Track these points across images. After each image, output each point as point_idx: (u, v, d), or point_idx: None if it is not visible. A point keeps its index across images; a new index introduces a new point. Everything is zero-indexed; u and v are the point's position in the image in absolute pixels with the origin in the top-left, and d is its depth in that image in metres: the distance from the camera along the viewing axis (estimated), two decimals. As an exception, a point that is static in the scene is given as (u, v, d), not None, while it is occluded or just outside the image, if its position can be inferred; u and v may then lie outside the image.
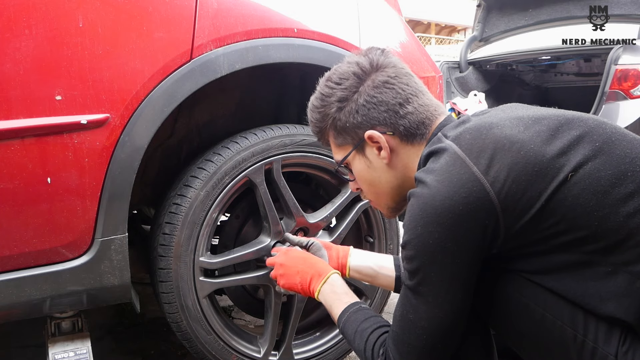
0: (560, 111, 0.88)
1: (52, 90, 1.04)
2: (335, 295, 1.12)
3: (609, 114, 2.70)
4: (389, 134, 0.97)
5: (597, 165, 0.79)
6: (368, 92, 0.96)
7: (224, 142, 1.31)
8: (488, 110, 0.99)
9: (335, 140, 1.03)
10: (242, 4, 1.24)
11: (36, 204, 1.06)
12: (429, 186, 0.83)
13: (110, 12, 1.09)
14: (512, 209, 0.79)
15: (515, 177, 0.79)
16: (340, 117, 0.99)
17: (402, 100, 0.95)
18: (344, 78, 0.99)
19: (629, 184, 0.78)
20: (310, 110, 1.05)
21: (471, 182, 0.80)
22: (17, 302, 1.08)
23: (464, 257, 0.83)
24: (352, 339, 1.04)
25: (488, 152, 0.81)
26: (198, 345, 1.31)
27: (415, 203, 0.85)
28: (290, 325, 1.41)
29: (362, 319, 1.05)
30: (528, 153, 0.80)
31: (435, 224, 0.81)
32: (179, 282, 1.26)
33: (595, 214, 0.78)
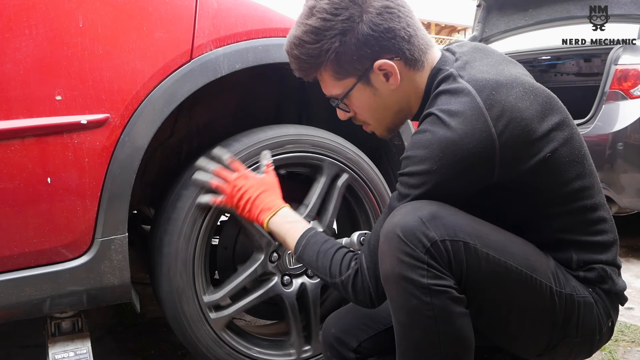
0: (540, 86, 0.99)
1: (52, 90, 1.04)
2: (288, 225, 1.13)
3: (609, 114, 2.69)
4: (396, 59, 0.97)
5: (563, 152, 0.95)
6: (373, 21, 0.93)
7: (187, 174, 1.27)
8: (485, 52, 1.02)
9: (334, 74, 1.00)
10: (242, 4, 1.24)
11: (36, 204, 1.06)
12: (452, 130, 0.89)
13: (110, 12, 1.09)
14: (505, 167, 0.92)
15: (516, 146, 0.91)
16: (345, 51, 0.95)
17: (405, 24, 0.95)
18: (341, 7, 0.93)
19: (573, 170, 0.97)
20: (297, 46, 0.97)
21: (488, 142, 0.89)
22: (17, 302, 1.08)
23: (456, 189, 0.94)
24: (313, 260, 1.06)
25: (505, 118, 0.89)
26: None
27: (435, 139, 0.90)
28: (312, 318, 1.41)
29: (322, 241, 1.08)
30: (529, 129, 0.91)
31: (449, 163, 0.89)
32: (197, 333, 1.27)
33: (551, 185, 0.96)
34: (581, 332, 0.98)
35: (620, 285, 1.02)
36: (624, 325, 1.94)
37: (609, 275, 0.99)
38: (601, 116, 2.71)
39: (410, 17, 0.96)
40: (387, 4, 0.94)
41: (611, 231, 1.02)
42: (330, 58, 0.96)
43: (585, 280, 0.99)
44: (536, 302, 0.94)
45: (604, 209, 1.02)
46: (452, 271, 0.88)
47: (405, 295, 0.88)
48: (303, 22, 0.96)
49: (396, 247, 0.88)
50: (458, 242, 0.88)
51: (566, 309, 0.95)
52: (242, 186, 1.18)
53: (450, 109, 0.90)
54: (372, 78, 0.99)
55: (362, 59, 0.96)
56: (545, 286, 0.94)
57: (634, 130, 2.64)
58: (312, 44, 0.95)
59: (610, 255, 1.01)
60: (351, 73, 0.99)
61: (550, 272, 0.95)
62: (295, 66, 1.01)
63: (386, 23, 0.93)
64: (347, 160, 1.39)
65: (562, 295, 0.95)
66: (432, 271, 0.86)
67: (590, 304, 0.98)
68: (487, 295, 0.92)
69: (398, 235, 0.88)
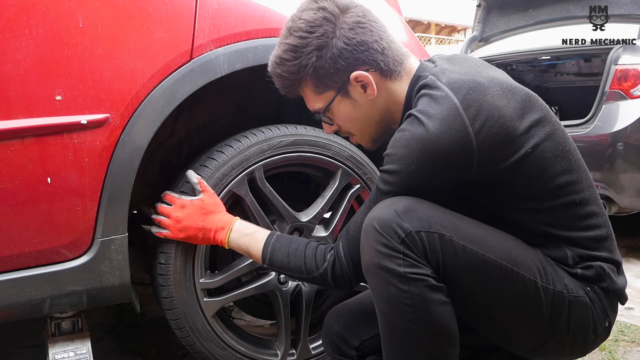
0: (519, 85, 1.02)
1: (52, 90, 1.04)
2: (247, 238, 1.16)
3: (609, 114, 2.69)
4: (371, 70, 1.02)
5: (545, 147, 0.97)
6: (346, 35, 0.99)
7: (200, 159, 1.28)
8: (464, 59, 1.07)
9: (315, 89, 1.05)
10: (242, 4, 1.24)
11: (36, 204, 1.06)
12: (429, 130, 0.92)
13: (110, 12, 1.09)
14: (484, 165, 0.94)
15: (495, 143, 0.93)
16: (322, 65, 1.01)
17: (377, 37, 1.01)
18: (315, 25, 0.99)
19: (558, 165, 0.98)
20: (279, 65, 1.04)
21: (465, 141, 0.92)
22: (17, 302, 1.08)
23: (433, 185, 0.97)
24: (285, 263, 1.10)
25: (482, 117, 0.92)
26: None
27: (413, 139, 0.93)
28: (303, 322, 1.41)
29: (288, 243, 1.12)
30: (508, 127, 0.94)
31: (426, 162, 0.93)
32: (184, 309, 1.26)
33: (535, 181, 0.97)
34: (573, 330, 0.99)
35: (619, 284, 1.02)
36: (624, 325, 1.94)
37: (607, 273, 1.00)
38: (601, 116, 2.71)
39: (382, 32, 1.02)
40: (359, 20, 1.00)
41: (604, 225, 1.02)
42: (309, 73, 1.02)
43: (583, 278, 1.00)
44: (519, 296, 0.95)
45: (595, 203, 1.02)
46: (428, 261, 0.91)
47: (384, 284, 0.91)
48: (282, 41, 1.03)
49: (373, 238, 0.92)
50: (433, 233, 0.92)
51: (553, 305, 0.96)
52: (182, 217, 1.18)
53: (428, 111, 0.94)
54: (350, 90, 1.04)
55: (339, 72, 1.01)
56: (529, 280, 0.95)
57: (634, 130, 2.64)
58: (292, 61, 1.01)
59: (606, 251, 1.01)
60: (330, 86, 1.04)
61: (535, 266, 0.96)
62: (279, 84, 1.07)
63: (359, 37, 0.99)
64: (361, 172, 1.42)
65: (549, 290, 0.96)
66: (408, 260, 0.90)
67: (584, 303, 0.98)
68: (466, 286, 0.94)
69: (375, 228, 0.92)
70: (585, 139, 2.73)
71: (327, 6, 1.00)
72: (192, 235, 1.18)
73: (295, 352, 1.41)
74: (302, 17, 1.01)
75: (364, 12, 1.02)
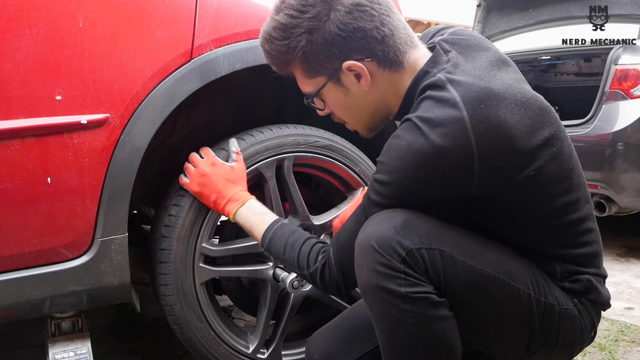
0: (534, 94, 0.94)
1: (52, 90, 1.04)
2: (255, 216, 1.14)
3: (609, 114, 2.70)
4: (367, 60, 0.93)
5: (549, 169, 0.91)
6: (341, 20, 0.89)
7: (239, 134, 1.32)
8: (479, 47, 0.97)
9: (304, 72, 0.97)
10: (242, 4, 1.24)
11: (36, 204, 1.06)
12: (429, 143, 0.85)
13: (110, 12, 1.09)
14: (483, 184, 0.88)
15: (498, 164, 0.88)
16: (312, 50, 0.91)
17: (378, 23, 0.90)
18: (308, 4, 0.89)
19: (559, 185, 0.94)
20: (267, 41, 0.95)
21: (468, 159, 0.85)
22: (17, 302, 1.08)
23: (427, 200, 0.92)
24: (281, 252, 1.07)
25: (489, 136, 0.85)
26: (188, 331, 1.29)
27: (410, 151, 0.87)
28: (282, 325, 1.40)
29: (289, 233, 1.09)
30: (515, 148, 0.87)
31: (422, 177, 0.87)
32: (178, 265, 1.26)
33: (533, 203, 0.93)
34: (561, 342, 0.98)
35: (605, 295, 1.01)
36: (624, 325, 1.94)
37: (594, 286, 0.98)
38: (601, 116, 2.71)
39: (386, 15, 0.91)
40: (358, 2, 0.89)
41: (596, 242, 1.00)
42: (298, 56, 0.93)
43: (570, 290, 0.98)
44: (514, 309, 0.94)
45: (590, 219, 1.00)
46: (429, 278, 0.87)
47: (385, 305, 0.87)
48: (273, 17, 0.94)
49: (371, 258, 0.87)
50: (434, 250, 0.87)
51: (544, 317, 0.95)
52: (208, 174, 1.18)
53: (432, 119, 0.85)
54: (342, 78, 0.95)
55: (330, 59, 0.93)
56: (524, 293, 0.93)
57: (634, 130, 2.64)
58: (280, 41, 0.93)
59: (594, 267, 1.00)
60: (320, 72, 0.96)
61: (529, 279, 0.94)
62: (268, 60, 1.00)
63: (355, 22, 0.89)
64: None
65: (541, 303, 0.94)
66: (409, 279, 0.86)
67: (573, 316, 0.97)
68: (466, 301, 0.91)
69: (372, 246, 0.87)
70: (585, 139, 2.73)
71: None
72: (206, 194, 1.18)
73: (266, 352, 1.39)
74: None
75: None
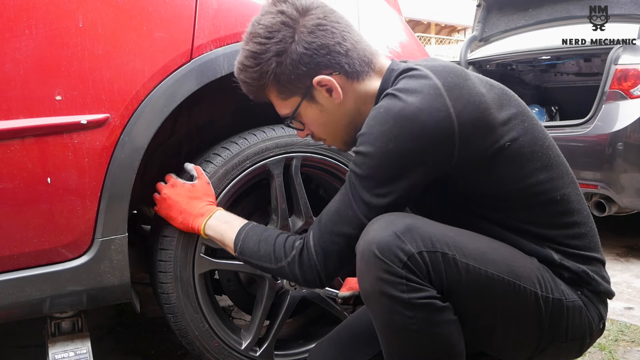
0: (495, 81, 1.01)
1: (52, 90, 1.04)
2: (225, 224, 1.13)
3: (609, 113, 2.69)
4: (335, 74, 0.99)
5: (523, 142, 0.95)
6: (305, 40, 0.96)
7: (251, 130, 1.33)
8: (435, 59, 1.03)
9: (279, 95, 1.02)
10: (242, 4, 1.24)
11: (36, 204, 1.06)
12: (407, 104, 0.88)
13: (110, 12, 1.09)
14: (464, 152, 0.91)
15: (475, 130, 0.91)
16: (283, 71, 0.97)
17: (340, 39, 0.97)
18: (274, 31, 0.96)
19: (537, 161, 0.97)
20: (242, 71, 1.01)
21: (447, 122, 0.88)
22: (17, 302, 1.08)
23: (413, 172, 0.92)
24: (255, 251, 1.06)
25: (463, 100, 0.90)
26: (183, 321, 1.29)
27: (390, 115, 0.89)
28: (277, 325, 1.40)
29: (261, 231, 1.09)
30: (488, 114, 0.92)
31: (404, 139, 0.88)
32: (179, 253, 1.26)
33: (513, 177, 0.95)
34: (571, 336, 0.98)
35: (605, 284, 1.01)
36: (624, 325, 1.94)
37: (591, 277, 0.98)
38: (601, 116, 2.71)
39: (346, 32, 0.98)
40: (319, 22, 0.96)
41: (585, 223, 1.01)
42: (270, 79, 0.99)
43: (571, 281, 0.98)
44: (521, 309, 0.93)
45: (576, 200, 1.00)
46: (431, 282, 0.87)
47: (388, 312, 0.87)
48: (244, 47, 1.00)
49: (373, 264, 0.87)
50: (436, 252, 0.87)
51: (553, 314, 0.95)
52: (169, 196, 1.18)
53: (408, 88, 0.90)
54: (315, 95, 1.01)
55: (301, 77, 0.98)
56: (530, 292, 0.93)
57: (634, 130, 2.64)
58: (253, 68, 0.98)
59: (588, 249, 1.00)
60: (294, 92, 1.01)
61: (535, 276, 0.94)
62: (245, 90, 1.04)
63: (319, 40, 0.96)
64: None
65: (549, 300, 0.94)
66: (411, 285, 0.86)
67: (580, 308, 0.97)
68: (470, 304, 0.91)
69: (374, 253, 0.87)
70: (585, 138, 2.73)
71: (285, 9, 0.96)
72: (173, 216, 1.18)
73: (259, 351, 1.39)
74: (261, 21, 0.98)
75: (324, 13, 0.98)
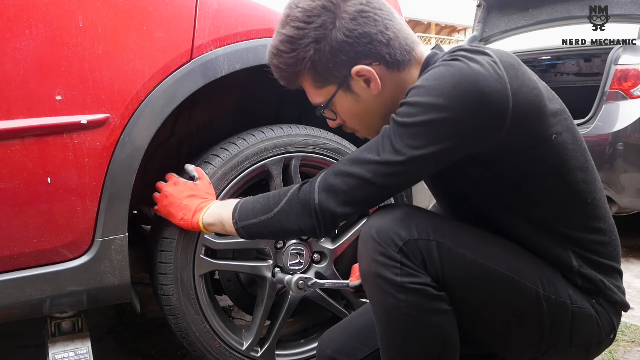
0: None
1: (52, 90, 1.04)
2: (221, 207, 1.10)
3: (609, 113, 2.69)
4: (375, 64, 0.94)
5: (567, 138, 0.94)
6: (346, 27, 0.91)
7: (249, 130, 1.33)
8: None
9: (314, 83, 0.98)
10: (242, 4, 1.24)
11: (36, 204, 1.06)
12: (470, 67, 0.84)
13: (110, 12, 1.09)
14: (513, 132, 0.87)
15: (527, 112, 0.87)
16: (321, 59, 0.93)
17: (382, 27, 0.92)
18: (313, 15, 0.92)
19: (576, 160, 0.95)
20: (275, 56, 0.97)
21: (503, 95, 0.84)
22: (17, 302, 1.08)
23: (454, 139, 0.87)
24: (250, 210, 1.02)
25: (519, 81, 0.87)
26: (183, 322, 1.29)
27: (449, 72, 0.85)
28: (278, 325, 1.40)
29: (258, 197, 1.05)
30: (540, 101, 0.89)
31: (457, 99, 0.84)
32: (179, 254, 1.26)
33: (554, 170, 0.93)
34: (575, 341, 0.96)
35: (621, 296, 1.00)
36: (624, 325, 1.94)
37: (607, 286, 0.97)
38: (601, 116, 2.71)
39: (389, 20, 0.94)
40: (361, 9, 0.91)
41: (610, 231, 1.00)
42: (307, 66, 0.95)
43: (586, 290, 0.97)
44: (519, 305, 0.93)
45: (604, 207, 0.99)
46: (427, 270, 0.88)
47: (381, 293, 0.89)
48: (279, 31, 0.95)
49: (371, 247, 0.89)
50: (431, 241, 0.88)
51: (555, 315, 0.94)
52: (171, 193, 1.17)
53: (469, 56, 0.86)
54: (352, 84, 0.97)
55: (339, 66, 0.94)
56: (530, 289, 0.92)
57: (634, 130, 2.64)
58: (288, 53, 0.94)
59: (609, 258, 0.98)
60: (330, 81, 0.97)
61: (538, 275, 0.93)
62: (277, 75, 1.01)
63: (361, 28, 0.91)
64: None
65: (551, 300, 0.93)
66: (405, 269, 0.87)
67: (589, 315, 0.96)
68: (466, 295, 0.91)
69: (372, 237, 0.89)
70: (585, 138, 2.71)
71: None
72: (173, 213, 1.16)
73: (260, 351, 1.39)
74: (300, 4, 0.93)
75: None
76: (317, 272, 1.43)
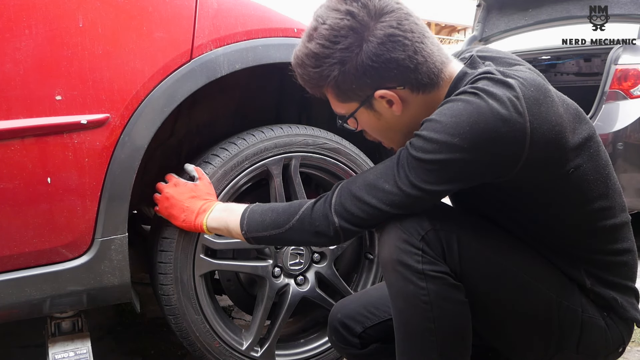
0: (567, 98, 0.96)
1: (52, 90, 1.04)
2: (226, 212, 1.11)
3: (609, 114, 2.69)
4: (399, 88, 0.93)
5: (587, 169, 0.92)
6: (373, 51, 0.88)
7: (249, 130, 1.33)
8: (512, 61, 0.97)
9: (336, 97, 0.97)
10: (242, 4, 1.24)
11: (36, 204, 1.06)
12: (489, 106, 0.83)
13: (110, 12, 1.09)
14: (527, 168, 0.87)
15: (545, 150, 0.87)
16: (344, 79, 0.91)
17: (411, 52, 0.89)
18: (340, 35, 0.88)
19: (595, 190, 0.94)
20: (300, 66, 0.95)
21: (521, 134, 0.84)
22: (17, 302, 1.08)
23: (468, 173, 0.88)
24: (260, 221, 1.04)
25: (541, 118, 0.85)
26: (184, 322, 1.29)
27: (466, 110, 0.84)
28: (278, 324, 1.40)
29: (264, 205, 1.07)
30: (562, 137, 0.88)
31: (473, 140, 0.83)
32: (179, 254, 1.26)
33: (570, 203, 0.93)
34: (582, 349, 0.97)
35: (633, 312, 0.99)
36: (624, 325, 1.94)
37: (619, 304, 0.97)
38: (601, 116, 2.71)
39: (419, 42, 0.90)
40: (391, 32, 0.88)
41: (629, 251, 0.98)
42: (330, 84, 0.94)
43: (598, 303, 0.97)
44: (530, 307, 0.94)
45: (626, 228, 0.99)
46: (445, 261, 0.90)
47: (402, 280, 0.90)
48: (305, 44, 0.93)
49: (395, 234, 0.91)
50: (452, 234, 0.91)
51: (565, 321, 0.95)
52: (172, 195, 1.17)
53: (489, 90, 0.84)
54: (374, 104, 0.96)
55: (363, 87, 0.93)
56: (545, 293, 0.93)
57: (634, 130, 2.64)
58: (313, 68, 0.93)
59: (623, 277, 0.98)
60: (353, 98, 0.96)
61: (552, 282, 0.94)
62: (301, 82, 0.99)
63: (388, 53, 0.88)
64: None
65: (562, 306, 0.94)
66: (426, 257, 0.89)
67: (599, 327, 0.96)
68: (480, 291, 0.93)
69: (397, 226, 0.92)
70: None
71: (356, 12, 0.87)
72: (175, 215, 1.16)
73: (260, 351, 1.39)
74: (327, 21, 0.89)
75: (399, 19, 0.88)
76: (317, 272, 1.43)
